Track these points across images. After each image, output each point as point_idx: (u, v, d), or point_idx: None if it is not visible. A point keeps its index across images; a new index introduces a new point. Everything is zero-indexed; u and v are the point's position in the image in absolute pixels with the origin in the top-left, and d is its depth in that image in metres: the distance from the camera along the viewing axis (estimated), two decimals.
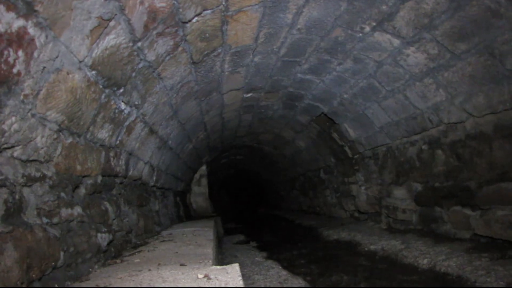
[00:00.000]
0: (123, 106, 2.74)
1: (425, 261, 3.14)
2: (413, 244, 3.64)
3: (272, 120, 6.67)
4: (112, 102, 2.54)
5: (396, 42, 3.11)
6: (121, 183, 3.42)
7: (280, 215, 10.88)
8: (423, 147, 3.92)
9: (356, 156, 5.74)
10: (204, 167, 9.64)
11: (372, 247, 4.14)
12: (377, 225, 5.19)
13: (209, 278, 1.73)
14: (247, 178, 16.69)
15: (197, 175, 9.58)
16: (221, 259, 4.44)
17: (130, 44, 2.29)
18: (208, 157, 9.13)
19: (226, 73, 4.04)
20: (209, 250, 2.89)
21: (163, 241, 3.55)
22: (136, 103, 3.02)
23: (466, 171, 3.32)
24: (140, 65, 2.62)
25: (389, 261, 3.54)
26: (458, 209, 3.43)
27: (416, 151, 4.08)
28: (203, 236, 3.80)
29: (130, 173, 3.59)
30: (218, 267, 2.02)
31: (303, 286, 3.17)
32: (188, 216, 8.18)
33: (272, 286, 3.23)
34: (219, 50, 3.39)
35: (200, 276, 1.79)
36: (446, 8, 2.53)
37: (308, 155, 7.69)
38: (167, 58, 2.93)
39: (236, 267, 1.97)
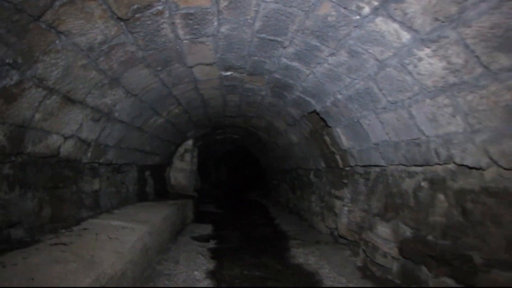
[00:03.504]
0: None
1: None
2: None
3: (262, 106, 5.69)
4: None
5: (406, 36, 2.08)
6: (9, 162, 2.56)
7: (265, 207, 10.02)
8: (423, 184, 2.93)
9: (347, 168, 4.76)
10: (190, 142, 8.80)
11: None
12: (353, 257, 4.26)
13: None
14: (247, 156, 15.84)
15: (181, 149, 8.76)
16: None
17: None
18: (195, 132, 8.24)
19: (185, 41, 3.08)
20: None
21: (55, 244, 2.68)
22: (19, 62, 2.10)
23: (472, 235, 2.34)
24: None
25: None
26: (449, 284, 2.48)
27: (413, 185, 3.09)
28: (120, 241, 2.93)
29: (29, 149, 2.72)
30: None
31: None
32: (160, 193, 7.39)
33: None
34: (160, 8, 2.42)
35: None
36: None
37: (300, 151, 6.72)
38: (63, 7, 1.99)
39: None
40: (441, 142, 2.49)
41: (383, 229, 3.50)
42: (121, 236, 3.10)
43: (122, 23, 2.46)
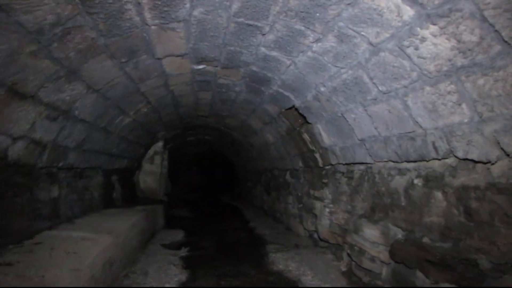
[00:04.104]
0: None
1: None
2: None
3: (236, 103, 5.37)
4: None
5: (409, 13, 1.83)
6: None
7: (239, 210, 9.67)
8: (416, 181, 2.70)
9: (327, 167, 4.52)
10: (160, 144, 8.38)
11: None
12: (336, 262, 4.01)
13: None
14: (220, 158, 15.44)
15: (150, 151, 8.31)
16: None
17: None
18: (165, 133, 7.83)
19: (153, 27, 2.72)
20: None
21: None
22: None
23: (478, 237, 2.11)
24: None
25: None
26: None
27: (404, 184, 2.86)
28: (79, 256, 2.54)
29: None
30: None
31: None
32: (129, 199, 6.94)
33: None
34: None
35: None
36: None
37: (276, 151, 6.44)
38: None
39: None
40: (441, 134, 2.26)
41: (370, 232, 3.25)
42: (81, 250, 2.70)
43: (77, 0, 2.10)
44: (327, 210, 4.26)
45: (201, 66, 3.82)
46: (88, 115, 3.64)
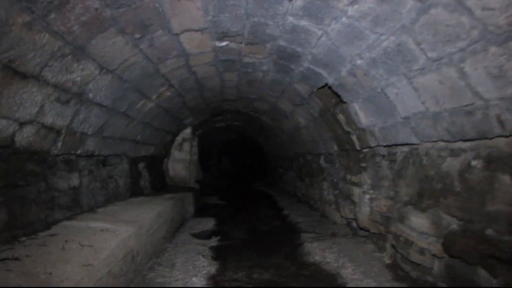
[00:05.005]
0: None
1: None
2: None
3: (264, 84, 5.04)
4: None
5: None
6: None
7: (271, 197, 9.39)
8: (474, 163, 2.31)
9: (365, 150, 4.13)
10: (188, 130, 8.18)
11: None
12: (378, 253, 3.66)
13: None
14: (250, 145, 15.19)
15: (179, 138, 8.14)
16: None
17: None
18: (192, 120, 7.60)
19: None
20: None
21: (3, 259, 2.08)
22: None
23: None
24: None
25: None
26: None
27: (459, 166, 2.46)
28: (94, 250, 2.33)
29: None
30: None
31: None
32: (158, 187, 6.81)
33: None
34: None
35: None
36: None
37: (308, 135, 6.08)
38: None
39: None
40: (509, 105, 1.85)
41: (418, 220, 2.88)
42: (97, 242, 2.49)
43: None
44: (367, 196, 3.90)
45: (223, 43, 3.51)
46: (104, 99, 3.40)
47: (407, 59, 2.38)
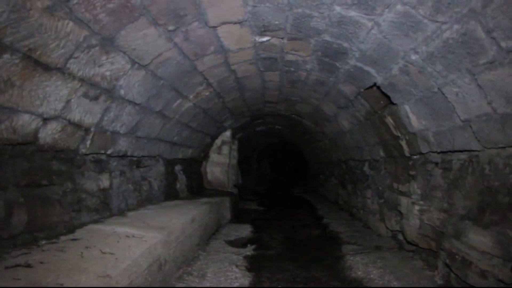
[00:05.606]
0: None
1: None
2: None
3: (307, 85, 4.79)
4: None
5: None
6: None
7: (311, 204, 9.06)
8: None
9: (415, 157, 3.78)
10: (228, 133, 8.04)
11: None
12: (428, 271, 3.30)
13: None
14: (290, 150, 14.92)
15: (218, 141, 8.02)
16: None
17: None
18: (232, 122, 7.47)
19: None
20: None
21: (15, 266, 1.96)
22: None
23: None
24: None
25: None
26: None
27: None
28: (115, 258, 2.18)
29: None
30: None
31: None
32: (195, 190, 6.71)
33: None
34: None
35: None
36: None
37: (352, 140, 5.76)
38: None
39: None
40: None
41: (478, 238, 2.52)
42: (120, 250, 2.33)
43: None
44: (416, 207, 3.55)
45: (264, 38, 3.31)
46: (137, 96, 3.29)
47: (473, 51, 2.07)
